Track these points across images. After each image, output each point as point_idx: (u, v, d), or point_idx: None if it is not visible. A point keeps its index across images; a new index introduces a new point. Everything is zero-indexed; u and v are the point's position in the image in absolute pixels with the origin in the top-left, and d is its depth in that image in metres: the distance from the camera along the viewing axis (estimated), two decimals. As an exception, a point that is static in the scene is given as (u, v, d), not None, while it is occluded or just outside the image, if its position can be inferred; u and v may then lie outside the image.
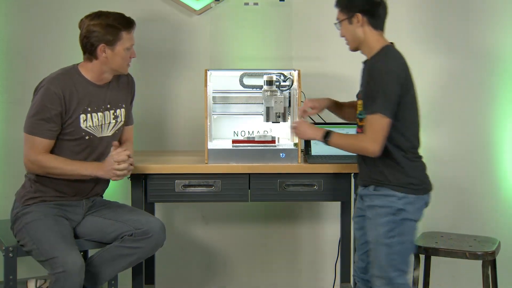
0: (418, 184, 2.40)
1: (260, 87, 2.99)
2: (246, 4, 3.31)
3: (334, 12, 2.51)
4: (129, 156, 2.58)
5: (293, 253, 3.47)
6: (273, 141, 2.91)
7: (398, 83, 2.30)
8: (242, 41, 3.33)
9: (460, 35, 3.34)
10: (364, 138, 2.35)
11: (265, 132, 3.02)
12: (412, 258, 2.55)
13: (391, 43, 2.45)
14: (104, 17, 2.59)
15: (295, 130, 2.63)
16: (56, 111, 2.53)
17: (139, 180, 2.83)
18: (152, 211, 3.14)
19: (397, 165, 2.38)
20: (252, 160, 2.84)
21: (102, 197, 2.83)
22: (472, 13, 3.32)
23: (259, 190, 2.84)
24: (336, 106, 2.75)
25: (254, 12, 3.31)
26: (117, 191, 3.19)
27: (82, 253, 3.02)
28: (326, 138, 2.46)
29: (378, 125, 2.29)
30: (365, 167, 2.46)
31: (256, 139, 2.91)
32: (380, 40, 2.42)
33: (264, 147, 2.87)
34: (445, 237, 2.91)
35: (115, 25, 2.58)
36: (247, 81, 3.05)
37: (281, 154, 2.84)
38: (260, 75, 3.01)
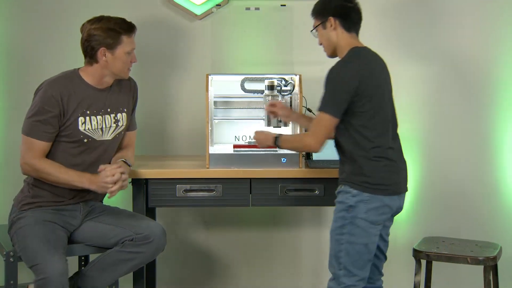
0: (375, 183, 2.36)
1: (262, 91, 2.99)
2: (247, 9, 3.31)
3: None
4: (122, 173, 2.58)
5: (294, 258, 3.47)
6: (274, 146, 2.90)
7: (347, 87, 2.33)
8: (243, 46, 3.34)
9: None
10: (306, 135, 2.47)
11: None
12: (365, 263, 2.42)
13: (364, 47, 2.46)
14: (105, 21, 2.60)
15: (255, 140, 2.74)
16: (53, 114, 2.54)
17: (140, 185, 2.83)
18: (153, 216, 3.14)
19: (355, 164, 2.39)
20: (253, 165, 2.84)
21: (102, 202, 2.83)
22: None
23: (260, 195, 2.84)
24: (307, 122, 2.77)
25: (255, 17, 3.32)
26: (118, 196, 3.15)
27: (83, 258, 3.03)
28: (276, 142, 2.57)
29: (320, 122, 2.37)
30: (339, 168, 2.51)
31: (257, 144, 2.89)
32: (352, 43, 2.45)
33: (265, 152, 2.87)
34: (446, 242, 2.91)
35: (116, 29, 2.59)
36: (249, 85, 3.05)
37: (282, 159, 2.84)
38: (261, 80, 3.01)
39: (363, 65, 2.39)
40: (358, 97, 2.35)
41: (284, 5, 3.28)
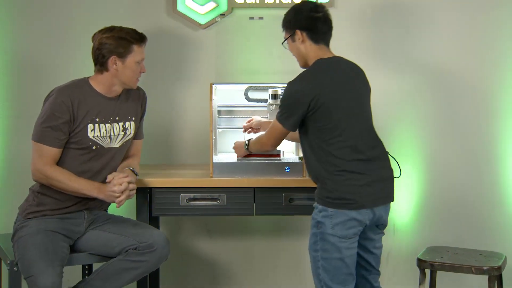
0: (337, 198, 2.34)
1: (265, 100, 3.00)
2: (251, 18, 3.33)
3: (337, 25, 2.54)
4: (130, 183, 2.60)
5: (298, 267, 3.46)
6: (278, 155, 2.91)
7: (300, 101, 2.35)
8: (247, 55, 3.35)
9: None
10: (262, 137, 2.61)
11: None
12: (346, 277, 2.39)
13: (331, 57, 2.46)
14: (117, 31, 2.63)
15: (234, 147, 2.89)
16: (63, 120, 2.56)
17: (144, 193, 2.84)
18: (157, 225, 3.14)
19: (320, 179, 2.40)
20: (257, 174, 2.84)
21: (107, 211, 2.83)
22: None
23: (264, 204, 2.84)
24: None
25: (259, 26, 3.33)
26: (122, 206, 3.19)
27: (86, 267, 3.04)
28: (247, 148, 2.74)
29: (273, 129, 2.47)
30: None
31: (261, 153, 2.89)
32: (319, 55, 2.45)
33: (269, 161, 2.87)
34: (450, 251, 2.90)
35: (127, 38, 2.62)
36: (252, 94, 3.06)
37: (286, 168, 2.85)
38: (265, 89, 3.02)
39: (321, 79, 2.38)
40: (315, 111, 2.34)
41: (288, 15, 3.28)
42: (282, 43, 2.57)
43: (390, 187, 2.47)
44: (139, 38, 2.65)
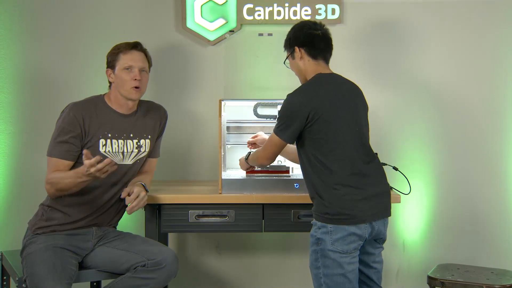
0: (336, 213, 2.35)
1: (274, 117, 3.02)
2: (260, 34, 3.36)
3: (345, 41, 2.56)
4: (137, 196, 2.64)
5: (307, 284, 3.45)
6: (287, 171, 2.92)
7: (297, 114, 2.38)
8: (256, 71, 3.37)
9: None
10: (258, 151, 2.63)
11: (279, 162, 3.03)
12: None
13: (329, 73, 2.49)
14: (116, 45, 2.73)
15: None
16: (74, 134, 2.61)
17: (153, 210, 2.85)
18: (165, 241, 3.15)
19: (317, 194, 2.41)
20: (266, 190, 2.85)
21: (116, 228, 2.85)
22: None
23: (273, 220, 2.84)
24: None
25: (268, 43, 3.35)
26: (130, 222, 3.21)
27: (95, 283, 3.04)
28: (248, 162, 2.78)
29: (270, 141, 2.50)
30: None
31: (270, 169, 2.92)
32: (317, 70, 2.50)
33: (278, 177, 2.88)
34: (461, 269, 2.89)
35: (115, 48, 2.71)
36: (261, 111, 3.08)
37: (295, 184, 2.85)
38: (274, 105, 3.04)
39: (319, 92, 2.41)
40: (313, 123, 2.37)
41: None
42: (284, 62, 2.63)
43: (387, 201, 2.49)
44: (125, 45, 2.70)
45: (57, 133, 2.63)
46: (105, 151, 2.66)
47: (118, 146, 2.69)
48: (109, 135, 2.67)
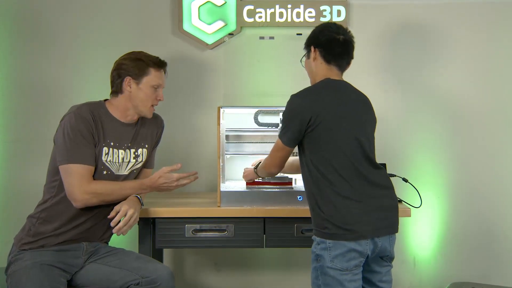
0: (335, 228, 2.32)
1: (276, 125, 3.00)
2: (262, 38, 3.35)
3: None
4: (126, 214, 2.59)
5: (311, 303, 3.43)
6: (289, 183, 2.91)
7: (298, 118, 2.37)
8: (257, 77, 3.36)
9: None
10: (266, 159, 2.59)
11: (281, 174, 3.01)
12: None
13: (338, 80, 2.47)
14: (136, 53, 2.70)
15: (243, 177, 2.92)
16: (89, 136, 2.57)
17: (147, 224, 2.82)
18: (160, 258, 3.12)
19: (317, 205, 2.38)
20: (267, 203, 2.83)
21: (107, 243, 2.82)
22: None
23: (275, 235, 2.83)
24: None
25: (269, 46, 3.35)
26: (123, 237, 3.17)
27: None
28: (256, 173, 2.76)
29: (276, 146, 2.50)
30: None
31: (271, 181, 2.91)
32: (326, 75, 2.48)
33: (280, 190, 2.86)
34: (476, 288, 2.87)
35: (144, 60, 2.67)
36: (262, 119, 3.07)
37: (298, 197, 2.83)
38: (276, 113, 3.02)
39: (325, 96, 2.39)
40: (314, 128, 2.35)
41: (300, 34, 3.30)
42: (301, 60, 2.61)
43: (393, 216, 2.44)
44: (157, 61, 2.69)
45: (71, 136, 2.54)
46: (106, 160, 2.64)
47: (118, 156, 2.68)
48: (111, 143, 2.66)
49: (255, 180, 2.88)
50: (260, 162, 2.75)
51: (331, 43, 2.47)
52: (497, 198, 3.35)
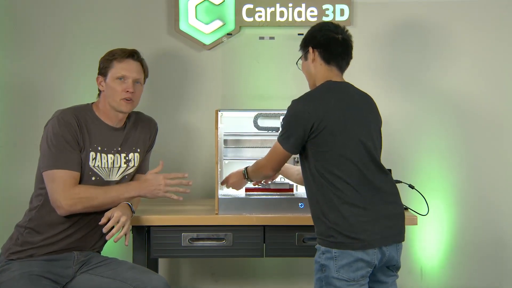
0: (341, 236, 2.30)
1: (277, 129, 3.00)
2: (261, 38, 3.35)
3: (355, 44, 2.55)
4: (119, 220, 2.56)
5: (313, 315, 3.42)
6: (290, 190, 2.90)
7: (300, 123, 2.36)
8: (256, 79, 3.36)
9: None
10: (261, 161, 2.59)
11: (282, 180, 3.00)
12: None
13: (340, 82, 2.45)
14: (107, 52, 2.70)
15: (227, 186, 2.86)
16: (73, 141, 2.56)
17: (141, 233, 2.81)
18: (155, 268, 3.11)
19: (322, 214, 2.35)
20: (267, 210, 2.82)
21: (100, 253, 2.80)
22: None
23: (275, 244, 2.82)
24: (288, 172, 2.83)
25: (269, 47, 3.34)
26: (116, 246, 3.16)
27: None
28: (246, 177, 2.71)
29: (274, 150, 2.49)
30: None
31: (272, 187, 2.90)
32: (328, 77, 2.46)
33: (280, 196, 2.85)
34: (486, 299, 2.85)
35: (109, 55, 2.68)
36: (262, 122, 3.06)
37: (299, 204, 2.82)
38: (276, 116, 3.02)
39: (327, 100, 2.38)
40: (318, 134, 2.33)
41: (302, 34, 3.24)
42: (297, 62, 2.59)
43: (400, 224, 2.42)
44: (120, 52, 2.67)
45: (52, 143, 2.54)
46: (94, 166, 2.62)
47: (107, 161, 2.66)
48: (99, 148, 2.64)
49: (254, 186, 2.86)
50: (248, 167, 2.71)
51: (331, 43, 2.46)
52: (508, 206, 3.34)
